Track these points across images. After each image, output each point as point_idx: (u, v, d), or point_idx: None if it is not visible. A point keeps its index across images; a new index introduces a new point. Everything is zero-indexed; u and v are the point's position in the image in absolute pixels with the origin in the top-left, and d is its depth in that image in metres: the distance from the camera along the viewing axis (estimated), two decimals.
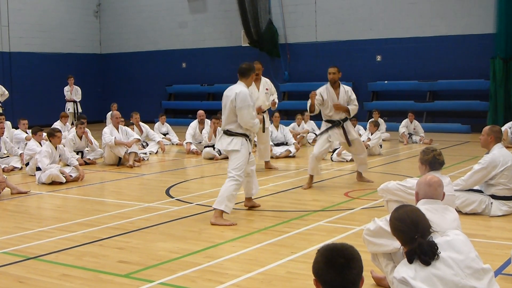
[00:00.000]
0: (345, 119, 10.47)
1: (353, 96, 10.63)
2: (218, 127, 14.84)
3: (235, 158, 7.88)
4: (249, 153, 8.03)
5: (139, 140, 14.39)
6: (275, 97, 12.38)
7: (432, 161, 6.22)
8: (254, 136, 8.60)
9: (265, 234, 7.15)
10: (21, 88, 24.09)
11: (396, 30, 21.52)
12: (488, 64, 19.59)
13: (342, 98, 10.47)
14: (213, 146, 14.50)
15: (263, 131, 12.14)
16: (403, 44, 21.46)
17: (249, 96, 7.95)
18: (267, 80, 12.59)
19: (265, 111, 12.26)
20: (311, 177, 10.36)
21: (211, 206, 8.67)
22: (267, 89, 12.30)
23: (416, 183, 4.99)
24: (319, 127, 17.65)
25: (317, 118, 18.38)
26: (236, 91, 7.93)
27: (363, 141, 14.71)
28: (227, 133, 8.04)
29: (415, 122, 17.52)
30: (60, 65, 25.58)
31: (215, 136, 14.74)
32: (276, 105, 12.35)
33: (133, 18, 27.30)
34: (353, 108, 10.49)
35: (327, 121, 10.53)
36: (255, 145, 12.86)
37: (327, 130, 10.45)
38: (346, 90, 10.64)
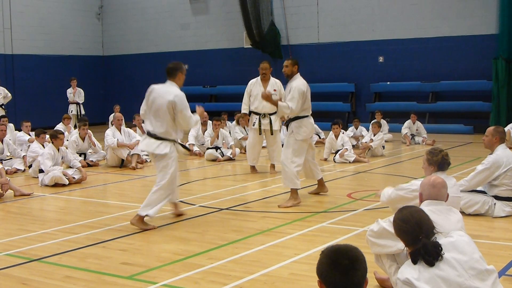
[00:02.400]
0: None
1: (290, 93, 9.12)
2: (221, 129, 14.87)
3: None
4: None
5: None
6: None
7: (441, 162, 6.23)
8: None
9: (268, 236, 7.15)
10: (24, 91, 24.12)
11: (398, 31, 21.50)
12: (490, 64, 19.57)
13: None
14: (215, 148, 14.50)
15: (271, 134, 12.06)
16: (405, 45, 21.44)
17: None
18: (277, 81, 12.11)
19: (273, 113, 11.84)
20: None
21: (214, 208, 8.71)
22: (275, 90, 11.76)
23: (420, 184, 4.98)
24: (322, 129, 17.75)
25: (320, 119, 18.46)
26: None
27: (365, 142, 14.74)
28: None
29: (418, 123, 17.50)
30: (63, 67, 25.60)
31: (218, 138, 14.75)
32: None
33: (135, 20, 27.32)
34: (283, 104, 9.03)
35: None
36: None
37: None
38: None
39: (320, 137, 17.43)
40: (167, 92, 7.74)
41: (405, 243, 4.00)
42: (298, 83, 9.00)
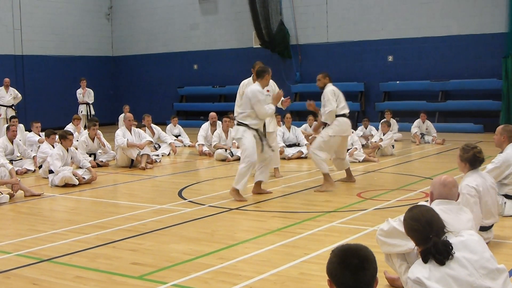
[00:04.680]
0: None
1: (326, 100, 10.22)
2: (230, 128, 14.86)
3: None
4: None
5: (151, 142, 14.42)
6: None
7: (473, 159, 6.25)
8: None
9: (278, 235, 7.15)
10: (34, 91, 24.19)
11: (408, 30, 21.45)
12: (500, 63, 19.49)
13: (322, 100, 10.46)
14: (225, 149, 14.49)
15: (264, 136, 11.64)
16: (414, 44, 21.38)
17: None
18: (271, 81, 11.29)
19: None
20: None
21: (224, 208, 8.72)
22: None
23: (431, 183, 4.97)
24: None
25: None
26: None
27: (375, 141, 14.71)
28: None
29: (428, 122, 17.44)
30: (73, 67, 25.68)
31: (227, 136, 14.73)
32: (288, 104, 10.78)
33: (144, 21, 27.37)
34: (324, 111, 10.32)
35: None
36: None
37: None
38: (325, 91, 10.41)
39: None
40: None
41: (416, 242, 3.99)
42: (328, 88, 10.23)
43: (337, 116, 10.18)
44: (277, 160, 11.64)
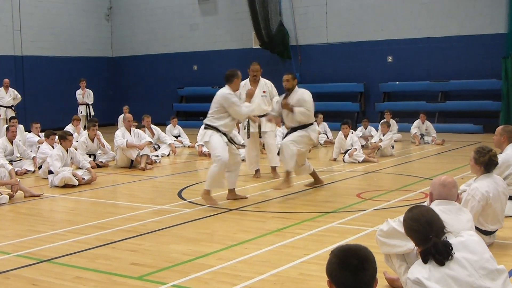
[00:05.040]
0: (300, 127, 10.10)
1: (305, 101, 9.95)
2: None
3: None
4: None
5: (151, 142, 14.41)
6: (277, 99, 10.99)
7: (488, 163, 6.25)
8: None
9: (277, 236, 7.15)
10: (34, 92, 24.18)
11: (407, 30, 21.46)
12: (500, 63, 19.49)
13: (291, 101, 10.03)
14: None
15: (260, 136, 11.65)
16: (414, 44, 21.39)
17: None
18: (267, 81, 11.76)
19: (263, 115, 11.17)
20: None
21: (223, 208, 8.72)
22: (264, 91, 11.50)
23: (431, 183, 4.97)
24: (331, 129, 17.74)
25: (329, 119, 18.44)
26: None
27: (374, 142, 14.70)
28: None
29: (427, 123, 17.45)
30: (72, 68, 25.67)
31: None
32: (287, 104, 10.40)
33: (144, 21, 27.37)
34: (300, 110, 9.88)
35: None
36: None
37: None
38: (302, 93, 10.11)
39: (328, 137, 17.43)
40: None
41: (415, 242, 3.98)
42: (306, 91, 10.10)
43: (310, 124, 10.02)
44: (275, 160, 11.56)
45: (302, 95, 9.99)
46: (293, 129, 9.99)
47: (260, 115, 11.17)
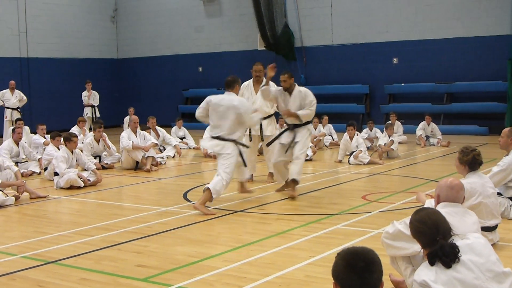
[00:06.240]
0: (299, 125, 9.91)
1: (309, 100, 9.80)
2: None
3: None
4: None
5: (156, 144, 14.42)
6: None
7: (472, 162, 6.30)
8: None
9: (282, 238, 7.14)
10: (39, 94, 24.26)
11: (413, 32, 21.44)
12: (505, 65, 19.45)
13: (294, 102, 9.87)
14: None
15: (262, 140, 11.33)
16: (419, 46, 21.37)
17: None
18: (270, 82, 11.16)
19: (267, 117, 11.04)
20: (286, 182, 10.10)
21: (229, 210, 8.71)
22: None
23: (438, 186, 4.96)
24: (336, 130, 17.73)
25: (334, 121, 18.43)
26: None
27: (384, 144, 14.59)
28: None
29: (433, 125, 17.42)
30: (78, 70, 25.74)
31: None
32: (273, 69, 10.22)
33: (149, 23, 27.41)
34: (304, 113, 9.75)
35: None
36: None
37: (277, 136, 10.30)
38: (301, 92, 9.89)
39: (333, 139, 17.41)
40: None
41: (422, 244, 3.98)
42: (308, 90, 10.01)
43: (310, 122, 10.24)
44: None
45: (306, 96, 9.84)
46: (294, 126, 9.92)
47: (263, 117, 10.82)
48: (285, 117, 10.05)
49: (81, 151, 12.52)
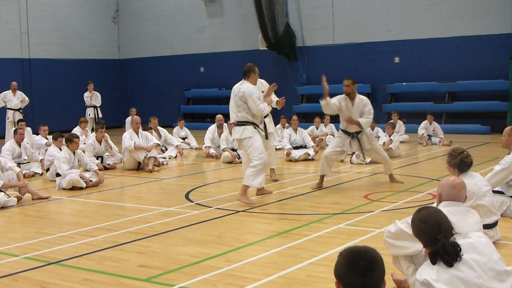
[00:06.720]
0: (359, 132, 10.55)
1: (367, 108, 10.47)
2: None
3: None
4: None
5: (158, 144, 14.43)
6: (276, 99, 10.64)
7: (460, 164, 6.35)
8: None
9: (285, 238, 7.14)
10: (41, 94, 24.28)
11: (414, 31, 21.42)
12: (507, 64, 19.43)
13: (356, 109, 10.44)
14: (232, 150, 14.45)
15: (266, 138, 10.89)
16: (421, 45, 21.36)
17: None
18: (263, 81, 11.46)
19: (267, 116, 10.91)
20: (322, 177, 10.50)
21: (231, 210, 8.71)
22: (262, 91, 10.93)
23: (439, 184, 4.96)
24: (338, 130, 17.69)
25: (336, 121, 18.39)
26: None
27: (383, 143, 14.62)
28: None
29: (434, 124, 17.42)
30: (80, 71, 25.75)
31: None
32: (283, 104, 10.49)
33: (151, 24, 27.42)
34: (365, 121, 10.41)
35: (343, 131, 10.65)
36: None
37: (341, 136, 10.71)
38: (362, 100, 10.53)
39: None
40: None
41: (424, 243, 3.98)
42: (366, 98, 10.65)
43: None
44: (274, 161, 11.55)
45: (366, 104, 10.49)
46: (356, 132, 10.55)
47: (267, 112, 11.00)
48: (345, 123, 10.55)
49: (83, 151, 12.52)
